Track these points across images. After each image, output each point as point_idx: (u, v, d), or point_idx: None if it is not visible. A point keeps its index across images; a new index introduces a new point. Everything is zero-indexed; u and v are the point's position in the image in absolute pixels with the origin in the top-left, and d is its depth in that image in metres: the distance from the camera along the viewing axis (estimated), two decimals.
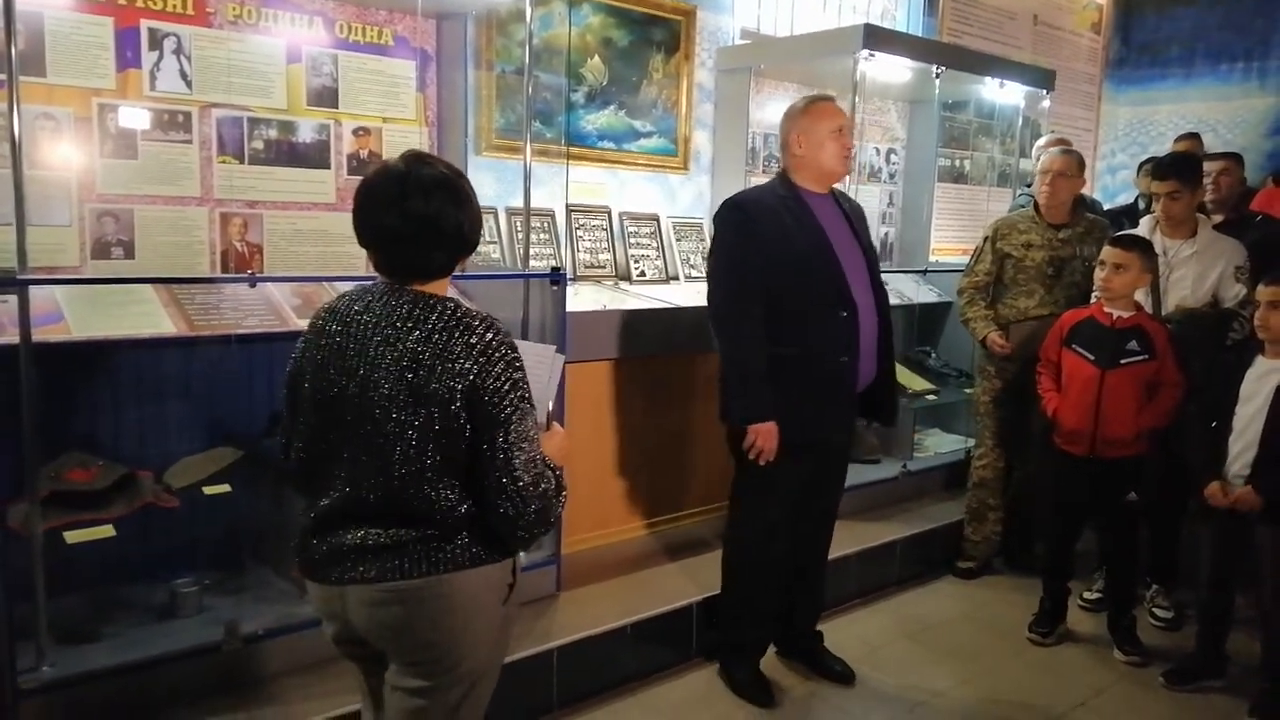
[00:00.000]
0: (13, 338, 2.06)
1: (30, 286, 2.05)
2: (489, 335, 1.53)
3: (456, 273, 1.65)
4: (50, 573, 2.15)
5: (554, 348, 1.88)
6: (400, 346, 1.51)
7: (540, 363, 1.84)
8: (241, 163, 2.89)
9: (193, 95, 2.78)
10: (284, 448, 1.72)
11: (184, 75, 2.76)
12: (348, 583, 1.57)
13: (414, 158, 1.59)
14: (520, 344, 1.83)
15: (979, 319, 3.59)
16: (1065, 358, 3.13)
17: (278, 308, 2.72)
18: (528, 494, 1.53)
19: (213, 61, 2.80)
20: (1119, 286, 3.02)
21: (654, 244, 4.16)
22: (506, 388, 1.52)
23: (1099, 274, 3.07)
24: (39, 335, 2.15)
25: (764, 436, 2.58)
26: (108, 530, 2.23)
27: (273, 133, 2.94)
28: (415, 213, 1.53)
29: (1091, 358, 3.05)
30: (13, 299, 2.03)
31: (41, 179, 2.53)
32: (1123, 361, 3.00)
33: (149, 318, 2.50)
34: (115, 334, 2.41)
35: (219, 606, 2.52)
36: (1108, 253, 3.05)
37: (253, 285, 2.47)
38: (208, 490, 2.44)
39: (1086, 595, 3.53)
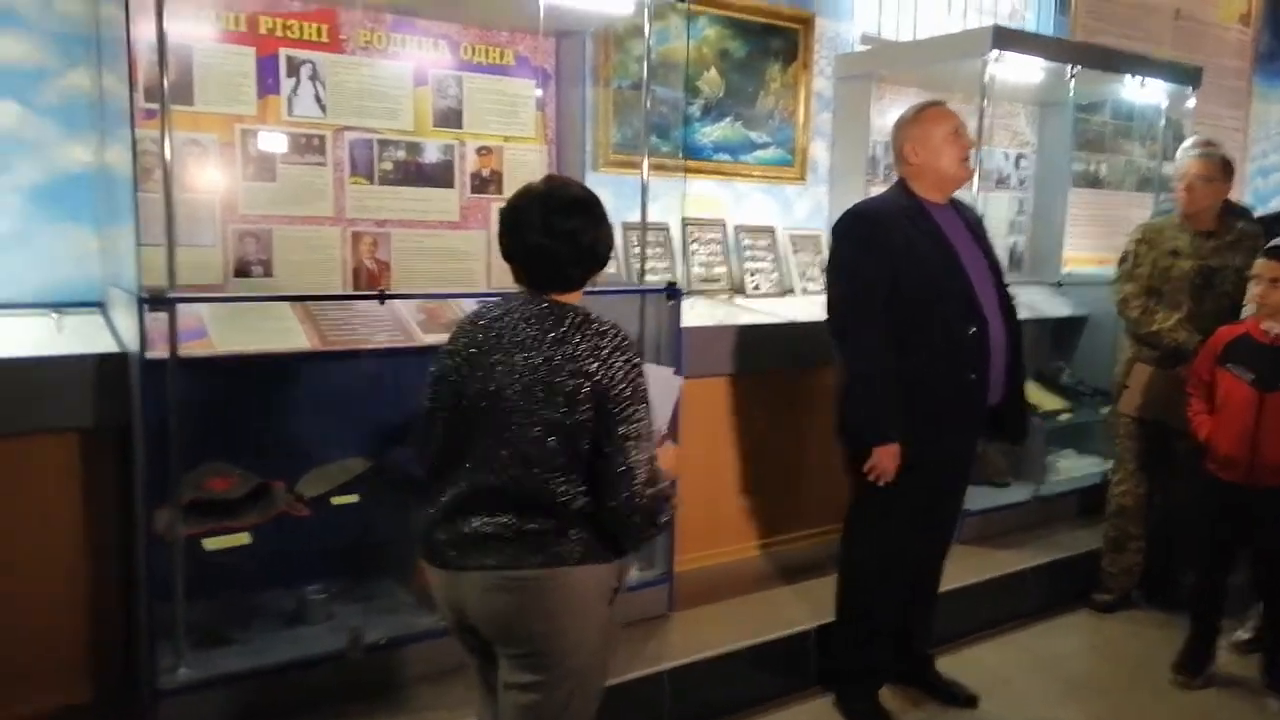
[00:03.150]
0: (162, 352, 2.17)
1: (178, 304, 2.17)
2: (615, 339, 1.66)
3: (587, 288, 1.79)
4: (188, 578, 2.26)
5: (673, 370, 1.89)
6: (534, 346, 1.65)
7: (660, 383, 1.89)
8: (371, 183, 2.99)
9: (327, 119, 2.89)
10: (420, 453, 1.83)
11: (319, 100, 2.87)
12: (468, 569, 1.67)
13: (553, 180, 1.77)
14: (645, 365, 1.87)
15: (1168, 324, 3.27)
16: (1220, 378, 2.91)
17: (404, 323, 2.80)
18: (641, 490, 1.62)
19: (345, 86, 2.90)
20: (1278, 302, 2.79)
21: (769, 257, 4.10)
22: (627, 389, 1.62)
23: (1254, 289, 2.85)
24: (185, 350, 2.27)
25: (886, 458, 2.49)
26: (243, 538, 2.33)
27: (401, 154, 3.03)
28: (557, 229, 1.67)
29: (1250, 378, 2.83)
30: (163, 315, 2.15)
31: (189, 201, 2.67)
32: None
33: (286, 333, 2.61)
34: (254, 349, 2.52)
35: (345, 614, 2.60)
36: (1262, 266, 2.83)
37: (382, 302, 2.54)
38: (336, 500, 2.53)
39: (1239, 635, 3.27)
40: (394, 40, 2.97)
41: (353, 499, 2.54)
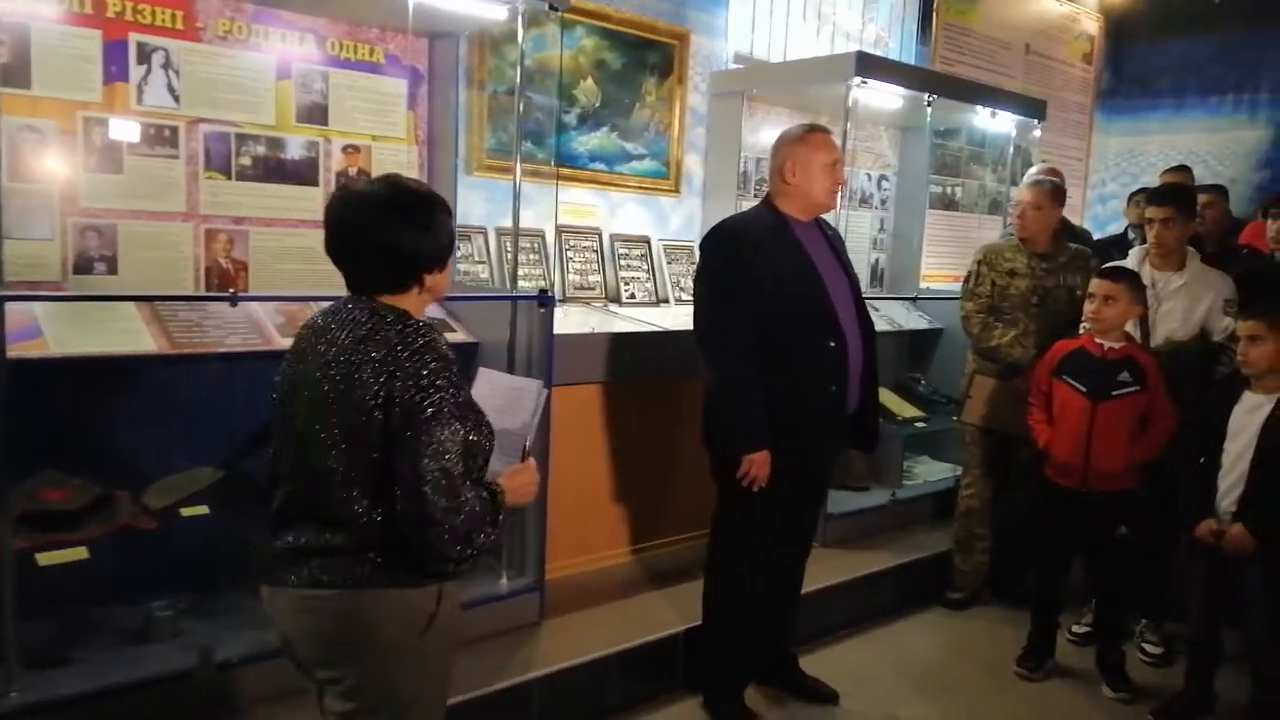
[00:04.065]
0: None
1: (7, 302, 2.01)
2: (417, 346, 1.53)
3: (457, 293, 1.68)
4: (21, 595, 2.10)
5: (539, 383, 1.85)
6: (331, 350, 1.56)
7: (520, 395, 1.82)
8: (228, 179, 2.86)
9: (180, 110, 2.75)
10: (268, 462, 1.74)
11: (172, 90, 2.73)
12: (278, 584, 1.60)
13: (369, 177, 1.69)
14: (503, 376, 1.84)
15: (1006, 340, 3.47)
16: (1056, 389, 3.12)
17: (261, 326, 2.69)
18: (436, 513, 1.48)
19: (202, 76, 2.77)
20: (1110, 318, 3.02)
21: (644, 266, 4.15)
22: (422, 400, 1.49)
23: (1089, 306, 3.06)
24: (15, 352, 2.12)
25: (758, 465, 2.56)
26: (81, 552, 2.18)
27: (261, 149, 2.91)
28: (347, 227, 1.59)
29: (1083, 389, 3.04)
30: None
31: (22, 192, 2.49)
32: (1114, 393, 2.99)
33: (130, 335, 2.46)
34: (95, 351, 2.37)
35: (195, 631, 2.47)
36: (1097, 285, 3.05)
37: (234, 304, 2.43)
38: (185, 511, 2.39)
39: (1075, 629, 3.50)
40: (255, 31, 2.86)
41: (202, 510, 2.40)
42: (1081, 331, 3.19)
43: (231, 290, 2.47)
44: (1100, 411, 3.00)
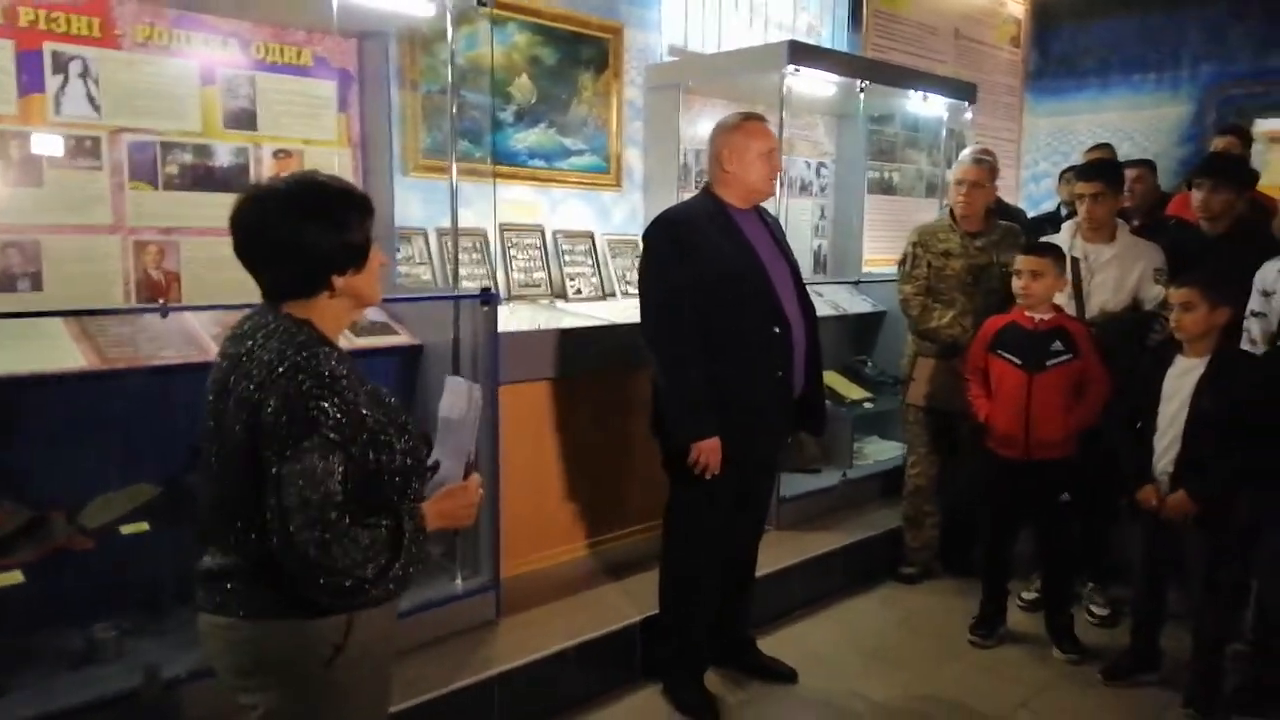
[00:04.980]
0: None
1: None
2: (291, 360, 1.43)
3: (397, 294, 1.62)
4: None
5: (469, 384, 1.75)
6: (220, 366, 1.52)
7: (458, 398, 1.75)
8: (155, 188, 2.80)
9: (101, 120, 2.69)
10: None
11: (91, 99, 2.67)
12: (198, 608, 1.56)
13: (279, 177, 1.59)
14: (460, 382, 1.76)
15: (944, 321, 3.54)
16: (992, 364, 3.18)
17: (196, 337, 2.63)
18: (307, 550, 1.39)
19: (123, 85, 2.71)
20: (1038, 291, 3.09)
21: (589, 261, 4.14)
22: (289, 426, 1.40)
23: (1017, 282, 3.13)
24: None
25: (708, 452, 2.57)
26: (15, 576, 2.12)
27: (187, 157, 2.86)
28: (250, 226, 1.52)
29: (1018, 362, 3.11)
30: None
31: None
32: (1049, 363, 3.06)
33: (58, 352, 2.39)
34: (22, 370, 2.30)
35: (140, 650, 2.41)
36: (1023, 261, 3.12)
37: (164, 316, 2.37)
38: (125, 529, 2.34)
39: (1024, 596, 3.58)
40: (177, 36, 2.80)
41: (143, 527, 2.35)
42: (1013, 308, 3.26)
43: (162, 301, 2.41)
44: (1037, 382, 3.07)
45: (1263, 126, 5.82)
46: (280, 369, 1.43)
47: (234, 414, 1.45)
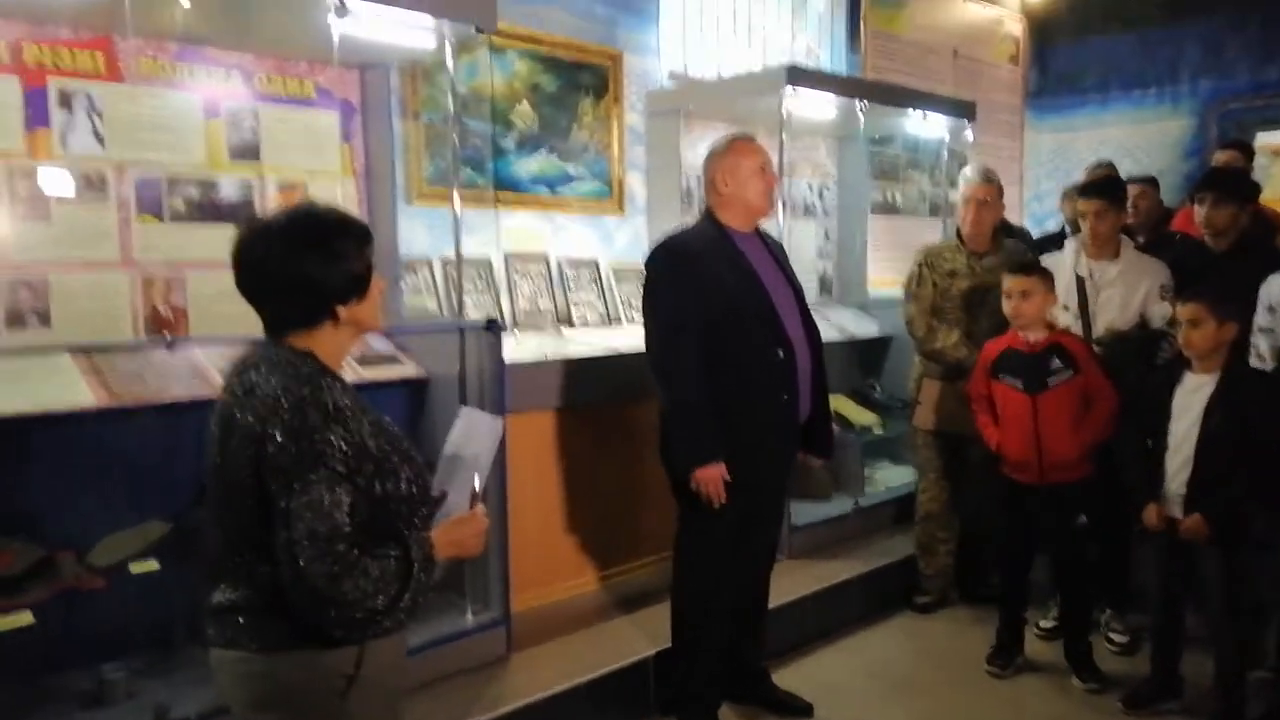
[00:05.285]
0: None
1: None
2: (296, 395, 1.45)
3: (404, 324, 1.63)
4: None
5: (492, 418, 1.78)
6: (225, 401, 1.52)
7: (476, 431, 1.75)
8: (161, 222, 2.79)
9: (107, 154, 2.68)
10: None
11: (97, 134, 2.66)
12: (209, 643, 1.55)
13: (281, 209, 1.59)
14: (475, 413, 1.78)
15: (950, 342, 3.49)
16: (995, 389, 3.16)
17: (203, 371, 2.61)
18: (316, 582, 1.40)
19: (128, 119, 2.71)
20: (1029, 311, 3.07)
21: (594, 288, 4.13)
22: (296, 460, 1.42)
23: (1008, 304, 3.11)
24: None
25: (710, 480, 2.55)
26: (25, 617, 2.10)
27: (193, 190, 2.85)
28: (252, 259, 1.52)
29: (1020, 385, 3.08)
30: None
31: None
32: (1050, 382, 3.03)
33: (67, 389, 2.37)
34: (31, 409, 2.27)
35: (150, 691, 2.38)
36: (1011, 282, 3.09)
37: (170, 348, 2.35)
38: (134, 568, 2.31)
39: (1042, 624, 3.52)
40: (180, 69, 2.81)
41: (152, 566, 2.33)
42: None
43: (166, 334, 2.40)
44: (1041, 403, 3.04)
45: (1264, 140, 5.83)
46: (284, 402, 1.44)
47: (240, 448, 1.45)
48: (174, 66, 2.79)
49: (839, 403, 4.25)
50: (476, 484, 1.69)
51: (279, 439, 1.42)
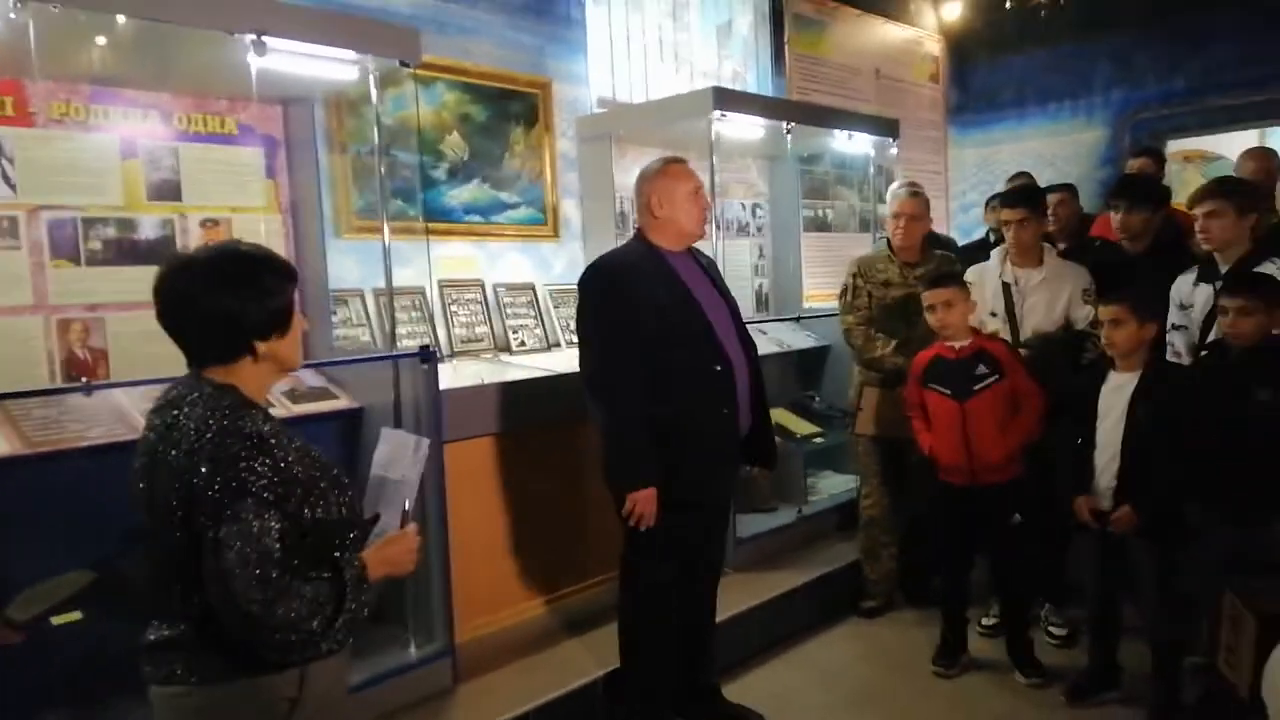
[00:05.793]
0: None
1: None
2: (220, 424, 1.47)
3: (335, 357, 1.64)
4: None
5: (416, 438, 1.79)
6: (148, 438, 1.54)
7: (402, 451, 1.76)
8: (78, 264, 2.73)
9: (18, 198, 2.63)
10: None
11: (7, 178, 2.61)
12: (147, 681, 1.54)
13: (205, 246, 1.64)
14: (398, 434, 1.79)
15: (888, 350, 3.55)
16: (927, 397, 3.22)
17: (125, 414, 2.54)
18: (251, 608, 1.41)
19: (39, 162, 2.66)
20: (955, 320, 3.15)
21: (531, 313, 4.13)
22: (221, 490, 1.43)
23: (931, 317, 3.19)
24: None
25: (642, 503, 2.56)
26: None
27: (110, 231, 2.80)
28: (172, 294, 1.54)
29: (949, 392, 3.15)
30: None
31: None
32: (976, 388, 3.11)
33: None
34: None
35: None
36: (932, 295, 3.18)
37: (88, 394, 2.30)
38: (56, 620, 2.24)
39: (984, 622, 3.58)
40: (95, 111, 2.76)
41: (75, 616, 2.25)
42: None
43: (85, 380, 2.34)
44: (969, 409, 3.11)
45: (1175, 147, 6.08)
46: (207, 435, 1.45)
47: (166, 483, 1.47)
48: (88, 109, 2.75)
49: (780, 414, 4.30)
50: (407, 504, 1.71)
51: (204, 470, 1.43)
